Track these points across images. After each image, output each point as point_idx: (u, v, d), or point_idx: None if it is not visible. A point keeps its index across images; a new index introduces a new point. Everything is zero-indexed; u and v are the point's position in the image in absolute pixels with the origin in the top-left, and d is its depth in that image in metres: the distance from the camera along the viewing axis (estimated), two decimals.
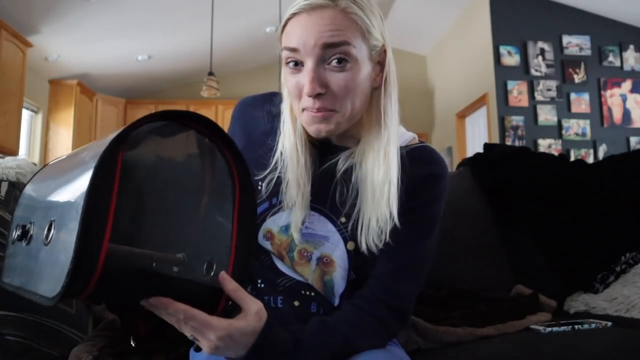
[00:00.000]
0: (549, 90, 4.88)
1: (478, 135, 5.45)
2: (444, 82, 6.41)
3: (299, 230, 0.75)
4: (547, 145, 4.79)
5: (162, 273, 0.56)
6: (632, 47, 5.03)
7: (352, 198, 0.76)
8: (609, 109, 4.94)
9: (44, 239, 0.54)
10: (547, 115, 4.85)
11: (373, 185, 0.73)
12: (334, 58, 0.69)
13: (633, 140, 4.90)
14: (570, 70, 4.93)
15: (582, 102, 4.91)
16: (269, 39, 6.00)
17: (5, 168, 1.08)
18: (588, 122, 4.88)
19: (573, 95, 4.91)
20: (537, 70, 4.91)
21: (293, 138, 0.77)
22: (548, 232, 1.38)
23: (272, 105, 0.84)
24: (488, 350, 0.88)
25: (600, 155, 4.79)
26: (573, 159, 1.56)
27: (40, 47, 4.96)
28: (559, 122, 4.85)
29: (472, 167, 1.54)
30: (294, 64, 0.71)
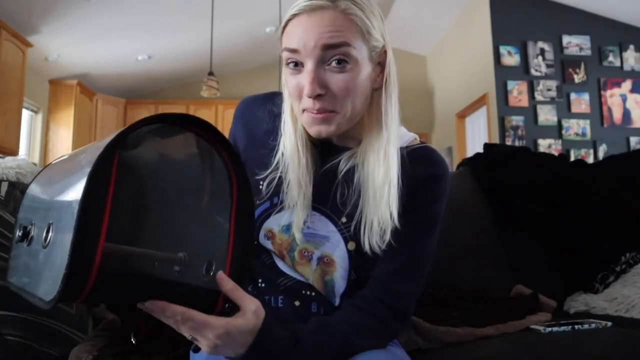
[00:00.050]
0: (549, 90, 4.88)
1: (478, 135, 5.45)
2: (444, 82, 6.41)
3: (301, 230, 0.76)
4: (547, 145, 4.79)
5: (158, 276, 0.57)
6: (632, 47, 5.03)
7: (354, 199, 0.76)
8: (609, 109, 4.94)
9: (43, 241, 0.54)
10: (547, 115, 4.85)
11: (374, 186, 0.73)
12: (334, 59, 0.69)
13: (633, 140, 4.90)
14: (570, 70, 4.93)
15: (582, 102, 4.91)
16: (269, 39, 5.99)
17: (5, 168, 1.08)
18: (588, 122, 4.88)
19: (573, 95, 4.91)
20: (537, 70, 4.91)
21: (294, 138, 0.77)
22: (548, 232, 1.38)
23: (273, 105, 0.84)
24: (488, 350, 0.88)
25: (600, 155, 4.78)
26: (573, 159, 1.56)
27: (40, 47, 4.96)
28: (559, 122, 4.85)
29: (472, 167, 1.54)
30: (294, 65, 0.71)
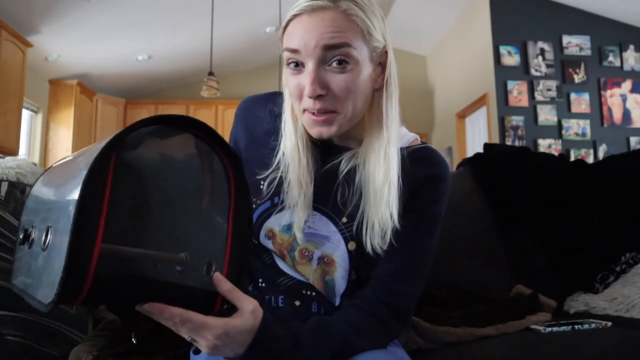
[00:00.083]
0: (549, 90, 4.88)
1: (478, 135, 5.45)
2: (444, 82, 6.41)
3: (302, 230, 0.76)
4: (547, 145, 4.79)
5: (156, 278, 0.57)
6: (632, 47, 5.03)
7: (355, 199, 0.76)
8: (609, 109, 4.94)
9: (42, 244, 0.54)
10: (547, 115, 4.85)
11: (374, 187, 0.73)
12: (335, 59, 0.69)
13: (633, 140, 4.90)
14: (570, 70, 4.93)
15: (582, 102, 4.91)
16: (269, 39, 6.00)
17: (5, 168, 1.08)
18: (588, 122, 4.88)
19: (573, 95, 4.91)
20: (537, 70, 4.91)
21: (294, 138, 0.77)
22: (548, 232, 1.38)
23: (274, 105, 0.84)
24: (488, 350, 0.88)
25: (600, 155, 4.79)
26: (573, 159, 1.56)
27: (40, 47, 4.96)
28: (559, 122, 4.85)
29: (472, 167, 1.54)
30: (295, 65, 0.71)
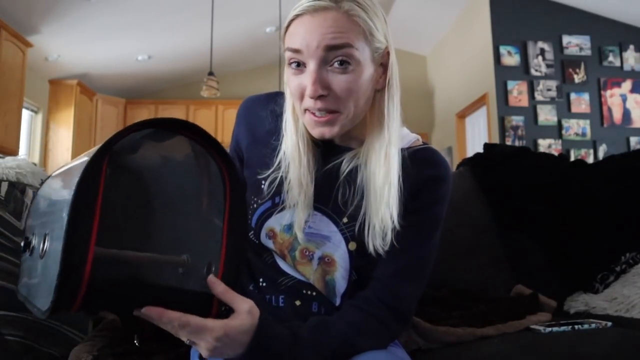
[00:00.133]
0: (549, 90, 4.88)
1: (478, 135, 5.45)
2: (444, 82, 6.41)
3: (302, 230, 0.76)
4: (547, 145, 4.79)
5: (153, 282, 0.57)
6: (632, 47, 5.03)
7: (357, 199, 0.76)
8: (609, 109, 4.94)
9: (40, 252, 0.54)
10: (547, 115, 4.85)
11: (375, 187, 0.73)
12: (337, 60, 0.69)
13: (633, 140, 4.90)
14: (570, 70, 4.93)
15: (582, 102, 4.91)
16: (269, 39, 6.00)
17: (5, 168, 1.08)
18: (588, 122, 4.88)
19: (573, 95, 4.91)
20: (537, 70, 4.91)
21: (295, 138, 0.77)
22: (548, 232, 1.38)
23: (276, 105, 0.84)
24: (488, 350, 0.88)
25: (600, 155, 4.78)
26: (573, 159, 1.56)
27: (40, 47, 4.96)
28: (559, 122, 4.85)
29: (472, 167, 1.54)
30: (297, 65, 0.71)
